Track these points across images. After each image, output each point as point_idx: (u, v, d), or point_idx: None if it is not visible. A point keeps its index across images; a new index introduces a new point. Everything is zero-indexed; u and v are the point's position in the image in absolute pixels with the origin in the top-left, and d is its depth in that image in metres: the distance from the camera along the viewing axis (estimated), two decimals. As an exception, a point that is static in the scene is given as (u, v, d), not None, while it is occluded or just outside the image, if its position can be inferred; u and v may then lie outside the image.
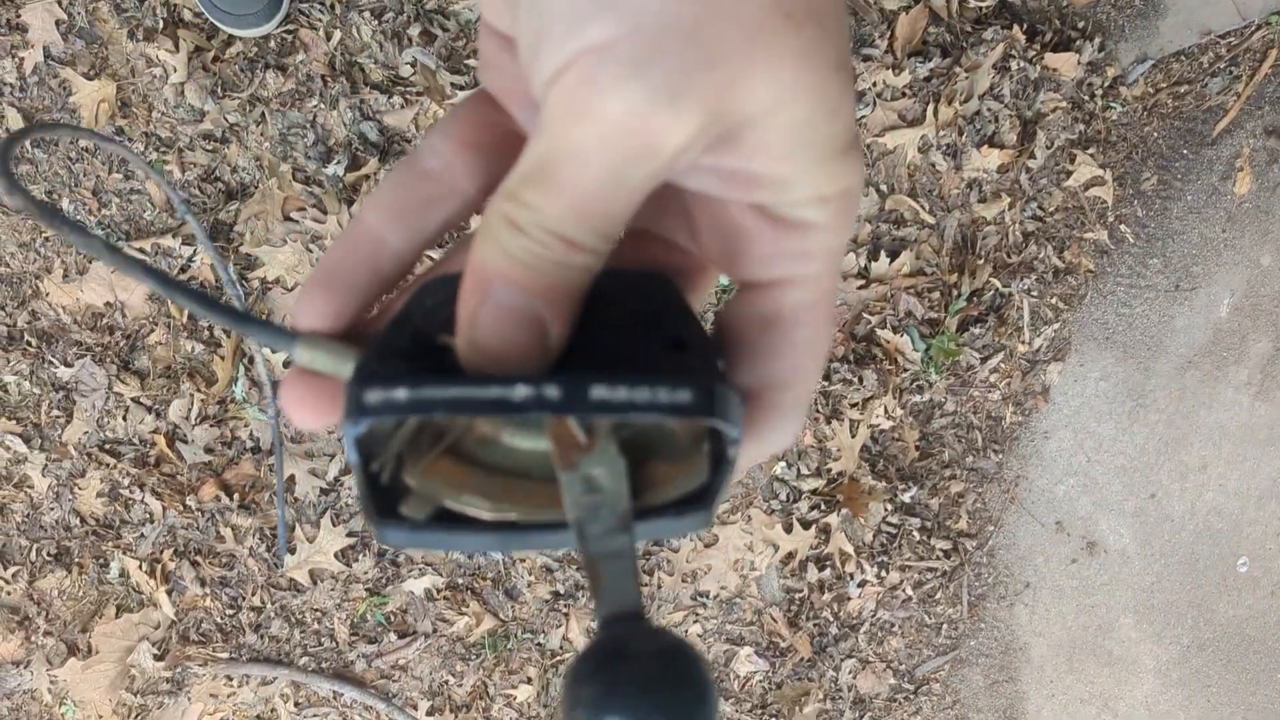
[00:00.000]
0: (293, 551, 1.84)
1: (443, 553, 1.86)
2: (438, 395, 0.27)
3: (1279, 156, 1.94)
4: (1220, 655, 2.12)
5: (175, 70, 1.67)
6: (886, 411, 1.92)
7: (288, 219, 1.73)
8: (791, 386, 0.32)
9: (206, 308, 0.32)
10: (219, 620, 1.86)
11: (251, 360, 1.78)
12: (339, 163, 1.71)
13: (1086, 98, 1.87)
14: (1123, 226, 1.95)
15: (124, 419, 1.79)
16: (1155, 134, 1.93)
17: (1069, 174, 1.90)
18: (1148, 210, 1.96)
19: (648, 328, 0.32)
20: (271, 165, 1.71)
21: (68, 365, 1.77)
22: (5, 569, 1.84)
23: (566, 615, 1.92)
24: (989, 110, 1.84)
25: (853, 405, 1.91)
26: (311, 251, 1.74)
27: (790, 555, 1.95)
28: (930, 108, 1.82)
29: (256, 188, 1.72)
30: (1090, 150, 1.90)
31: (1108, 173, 1.91)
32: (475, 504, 0.31)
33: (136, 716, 1.87)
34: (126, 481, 1.80)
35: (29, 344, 1.76)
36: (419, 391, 0.27)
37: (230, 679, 1.88)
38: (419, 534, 0.31)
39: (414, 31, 1.70)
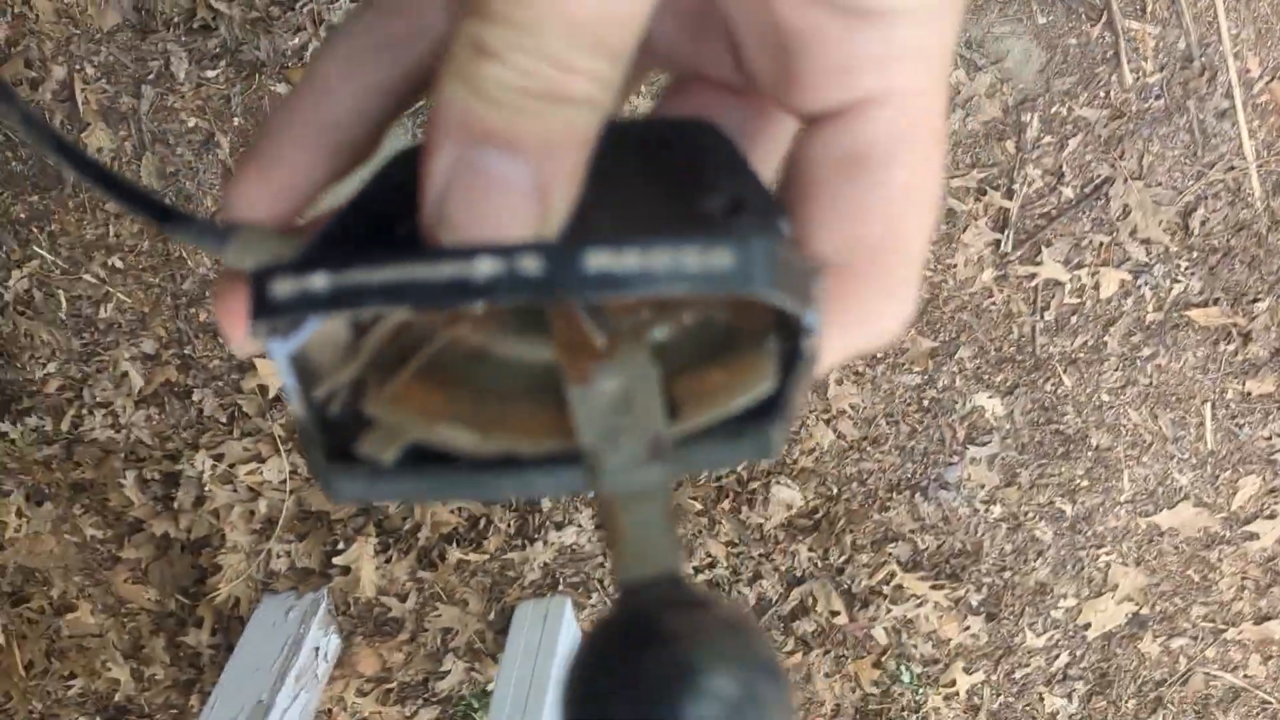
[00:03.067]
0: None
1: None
2: (371, 280, 0.20)
3: None
4: None
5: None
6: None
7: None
8: (890, 250, 0.24)
9: (112, 191, 0.26)
10: None
11: None
12: None
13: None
14: None
15: None
16: None
17: None
18: None
19: (687, 189, 0.25)
20: None
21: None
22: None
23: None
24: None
25: None
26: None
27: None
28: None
29: (191, 56, 1.63)
30: None
31: None
32: (457, 435, 0.24)
33: None
34: None
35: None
36: (344, 276, 0.20)
37: None
38: (382, 482, 0.24)
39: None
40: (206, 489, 1.76)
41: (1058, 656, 1.93)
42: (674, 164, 0.26)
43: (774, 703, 0.20)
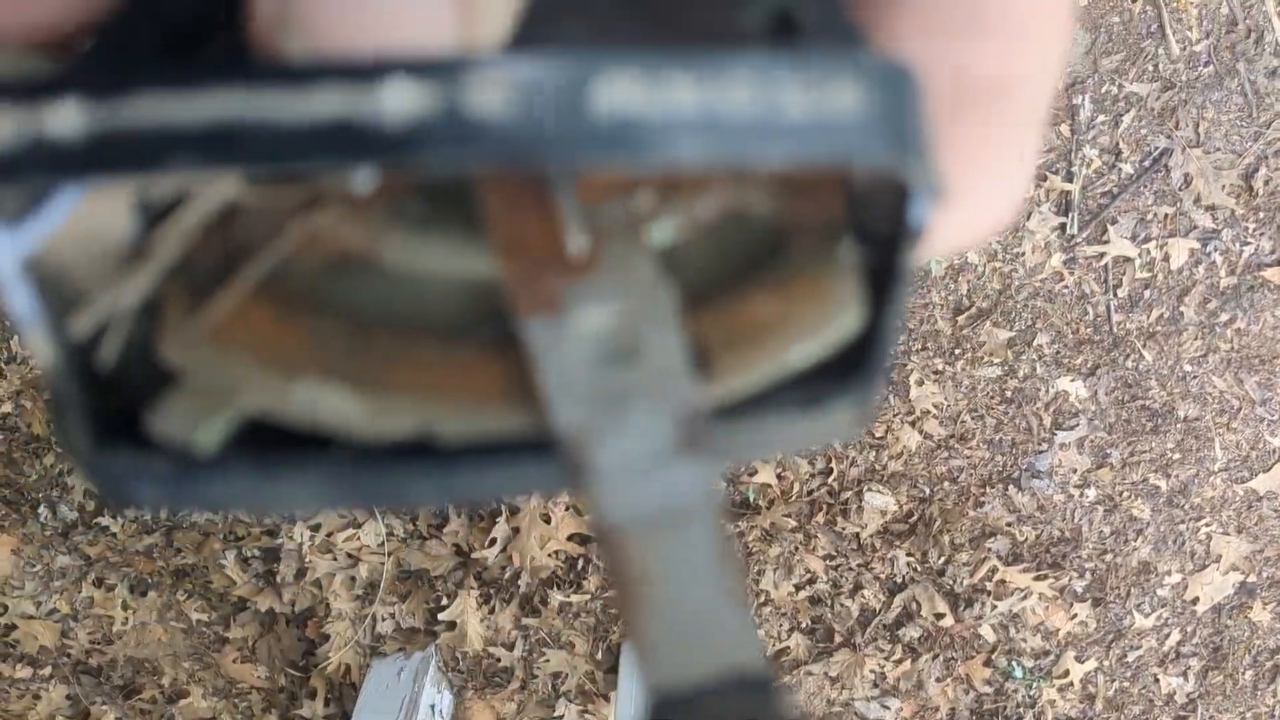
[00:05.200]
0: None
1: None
2: (175, 117, 0.11)
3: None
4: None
5: None
6: None
7: None
8: (1014, 86, 0.16)
9: None
10: None
11: None
12: None
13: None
14: None
15: None
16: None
17: None
18: None
19: None
20: None
21: None
22: None
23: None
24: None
25: None
26: None
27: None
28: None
29: None
30: None
31: None
32: (331, 400, 0.15)
33: None
34: None
35: None
36: (119, 107, 0.11)
37: None
38: (198, 481, 0.14)
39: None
40: (307, 560, 1.78)
41: (1169, 635, 1.91)
42: None
43: None
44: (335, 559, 1.79)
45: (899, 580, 1.86)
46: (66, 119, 0.11)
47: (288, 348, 0.15)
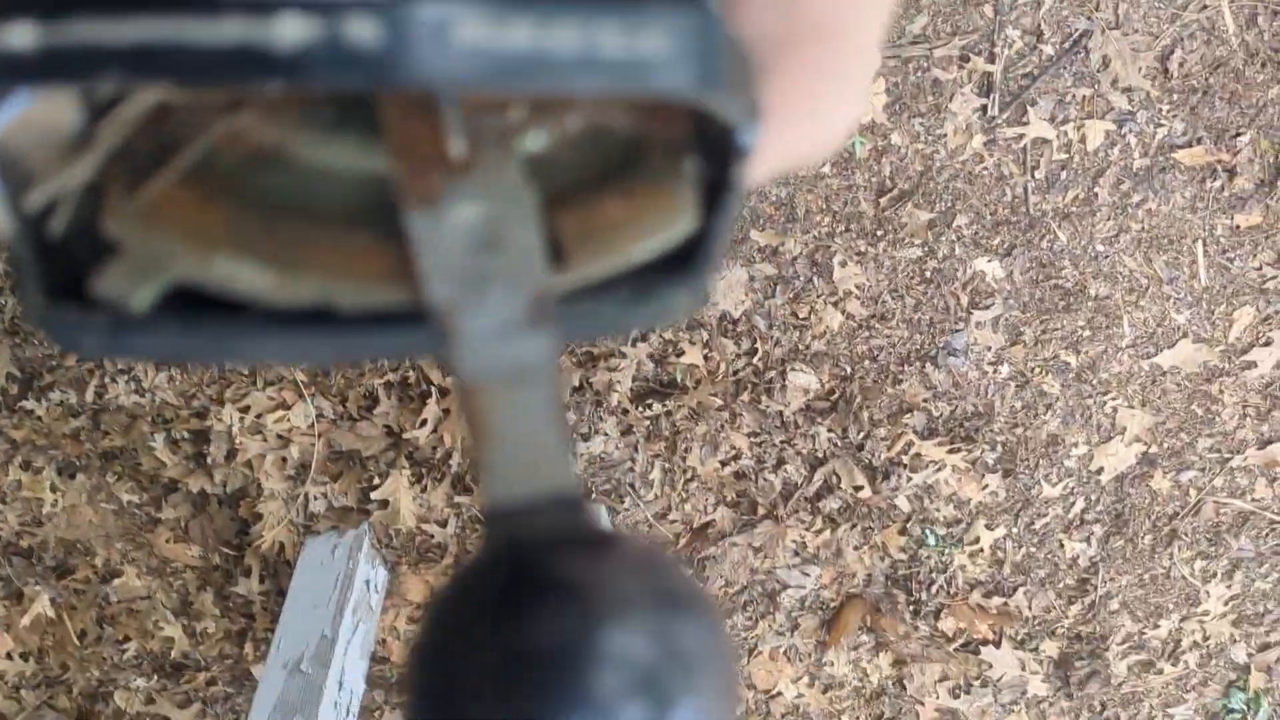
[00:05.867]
0: None
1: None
2: (107, 39, 0.13)
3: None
4: None
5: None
6: None
7: None
8: (843, 22, 0.18)
9: None
10: None
11: None
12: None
13: None
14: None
15: None
16: None
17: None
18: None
19: None
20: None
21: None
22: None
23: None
24: None
25: None
26: None
27: None
28: None
29: None
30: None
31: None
32: (247, 272, 0.17)
33: None
34: None
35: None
36: (64, 30, 0.13)
37: None
38: (132, 334, 0.17)
39: None
40: (237, 441, 1.79)
41: (1074, 503, 2.01)
42: None
43: (703, 658, 0.15)
44: (265, 440, 1.80)
45: (820, 455, 1.92)
46: (22, 35, 0.13)
47: (210, 227, 0.18)
